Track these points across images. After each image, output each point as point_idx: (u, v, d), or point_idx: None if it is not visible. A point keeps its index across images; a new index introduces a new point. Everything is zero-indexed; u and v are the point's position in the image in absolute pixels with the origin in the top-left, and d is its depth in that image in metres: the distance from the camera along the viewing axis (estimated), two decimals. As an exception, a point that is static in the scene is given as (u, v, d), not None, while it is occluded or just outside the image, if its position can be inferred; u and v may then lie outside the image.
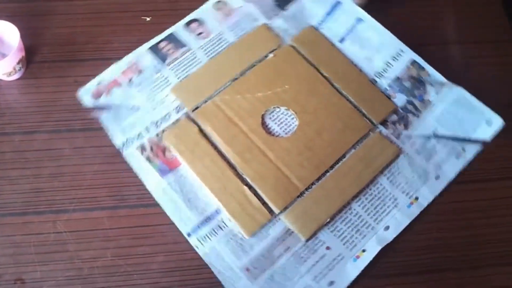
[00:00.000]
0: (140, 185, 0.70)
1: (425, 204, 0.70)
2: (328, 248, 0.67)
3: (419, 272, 0.68)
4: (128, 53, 0.78)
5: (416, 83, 0.78)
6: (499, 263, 0.69)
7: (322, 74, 0.78)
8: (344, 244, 0.68)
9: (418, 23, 0.86)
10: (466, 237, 0.71)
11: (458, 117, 0.75)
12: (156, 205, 0.69)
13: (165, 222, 0.68)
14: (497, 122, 0.74)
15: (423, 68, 0.79)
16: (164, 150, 0.72)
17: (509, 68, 0.83)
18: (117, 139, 0.72)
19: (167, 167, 0.71)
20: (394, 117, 0.76)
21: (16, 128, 0.73)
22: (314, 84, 0.77)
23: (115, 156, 0.71)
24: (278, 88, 0.76)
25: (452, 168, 0.73)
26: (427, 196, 0.71)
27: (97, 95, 0.75)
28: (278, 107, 0.75)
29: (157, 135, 0.73)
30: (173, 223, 0.67)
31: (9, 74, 0.73)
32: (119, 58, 0.77)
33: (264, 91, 0.76)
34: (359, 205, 0.70)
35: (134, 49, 0.78)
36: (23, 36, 0.72)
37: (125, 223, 0.68)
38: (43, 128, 0.73)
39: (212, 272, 0.65)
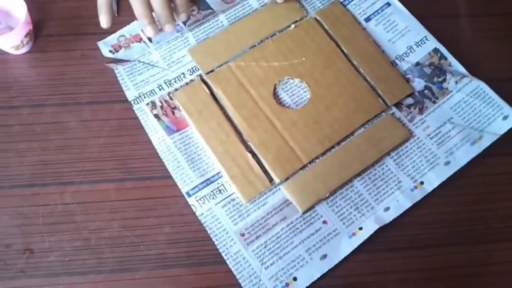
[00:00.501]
0: (146, 157, 0.70)
1: (430, 189, 0.69)
2: (324, 222, 0.67)
3: (424, 246, 0.68)
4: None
5: (436, 71, 0.76)
6: (505, 238, 0.69)
7: (342, 50, 0.77)
8: (341, 220, 0.67)
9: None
10: (472, 211, 0.70)
11: (475, 109, 0.74)
12: (162, 177, 0.69)
13: (170, 194, 0.68)
14: None
15: (445, 58, 0.77)
16: (173, 109, 0.72)
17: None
18: (130, 94, 0.73)
19: (175, 127, 0.71)
20: (410, 101, 0.75)
21: (23, 101, 0.73)
22: (332, 59, 0.76)
23: (122, 129, 0.72)
24: (295, 59, 0.75)
25: (465, 155, 0.71)
26: (432, 181, 0.69)
27: (117, 48, 0.76)
28: (292, 79, 0.75)
29: (169, 93, 0.73)
30: (179, 196, 0.68)
31: (17, 48, 0.74)
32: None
33: (280, 61, 0.75)
34: (361, 184, 0.69)
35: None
36: (30, 10, 0.72)
37: (132, 195, 0.68)
38: (50, 102, 0.73)
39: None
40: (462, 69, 0.76)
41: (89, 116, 0.73)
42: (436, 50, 0.77)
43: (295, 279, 0.64)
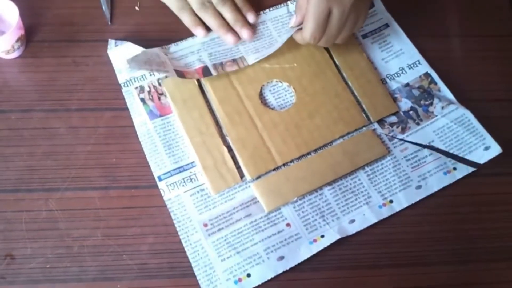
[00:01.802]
0: (132, 166, 0.70)
1: (398, 209, 0.69)
2: (288, 225, 0.68)
3: (409, 264, 0.68)
4: (127, 35, 0.78)
5: (424, 94, 0.77)
6: (489, 259, 0.69)
7: (334, 62, 0.78)
8: (305, 226, 0.68)
9: (418, 14, 0.84)
10: (456, 231, 0.70)
11: (458, 136, 0.74)
12: (147, 187, 0.69)
13: (155, 204, 0.68)
14: (495, 150, 0.73)
15: (435, 83, 0.78)
16: (160, 95, 0.74)
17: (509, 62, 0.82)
18: (121, 77, 0.75)
19: (158, 112, 0.73)
20: (394, 119, 0.75)
21: (13, 106, 0.73)
22: (323, 69, 0.77)
23: (110, 137, 0.72)
24: (286, 64, 0.77)
25: (436, 183, 0.71)
26: (402, 202, 0.70)
27: None
28: (280, 82, 0.76)
29: (159, 79, 0.75)
30: (163, 206, 0.68)
31: (8, 52, 0.74)
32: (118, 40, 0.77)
33: (272, 63, 0.76)
34: (331, 193, 0.70)
35: (133, 32, 0.78)
36: (23, 16, 0.73)
37: (116, 204, 0.68)
38: (39, 107, 0.73)
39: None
40: (450, 95, 0.77)
41: (78, 123, 0.73)
42: (427, 75, 0.78)
43: (248, 275, 0.65)
